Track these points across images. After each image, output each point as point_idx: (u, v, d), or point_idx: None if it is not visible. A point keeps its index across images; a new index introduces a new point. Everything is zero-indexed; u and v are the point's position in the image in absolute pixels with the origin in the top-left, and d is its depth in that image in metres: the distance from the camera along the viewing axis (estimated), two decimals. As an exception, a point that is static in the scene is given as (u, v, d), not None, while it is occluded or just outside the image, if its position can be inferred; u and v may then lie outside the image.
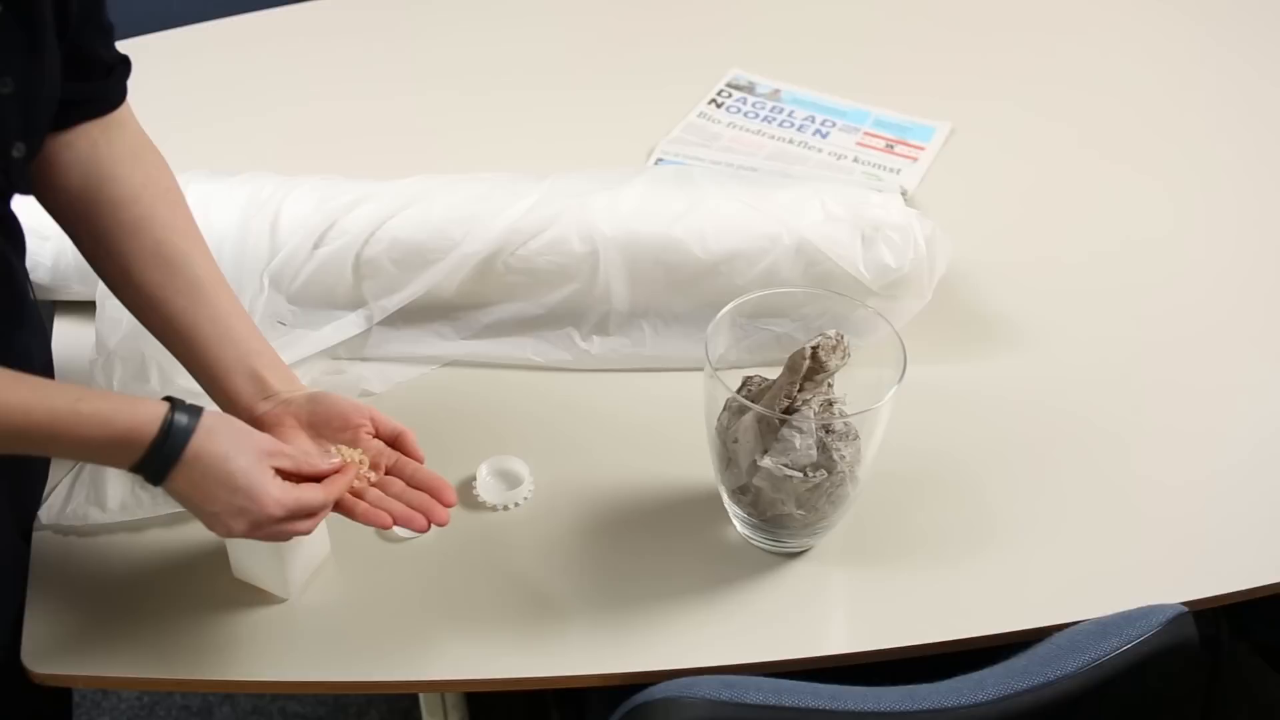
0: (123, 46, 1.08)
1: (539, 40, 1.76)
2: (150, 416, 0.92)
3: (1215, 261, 1.43)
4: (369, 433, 1.04)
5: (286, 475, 0.98)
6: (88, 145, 1.05)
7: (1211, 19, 1.82)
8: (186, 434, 0.93)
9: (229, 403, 1.04)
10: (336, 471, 1.00)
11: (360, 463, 1.02)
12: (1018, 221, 1.48)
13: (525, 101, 1.64)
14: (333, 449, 1.03)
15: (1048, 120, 1.63)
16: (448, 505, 1.02)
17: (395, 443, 1.05)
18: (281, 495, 0.95)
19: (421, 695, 1.47)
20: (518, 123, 1.61)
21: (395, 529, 1.11)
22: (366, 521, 0.99)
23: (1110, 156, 1.58)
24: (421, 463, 1.05)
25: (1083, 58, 1.75)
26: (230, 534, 0.96)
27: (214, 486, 0.94)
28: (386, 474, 1.04)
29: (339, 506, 1.00)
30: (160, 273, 1.05)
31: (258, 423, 1.03)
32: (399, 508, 1.00)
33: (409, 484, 1.03)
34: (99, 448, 0.92)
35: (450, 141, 1.57)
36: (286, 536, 0.99)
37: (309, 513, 0.97)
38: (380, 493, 1.02)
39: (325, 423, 1.03)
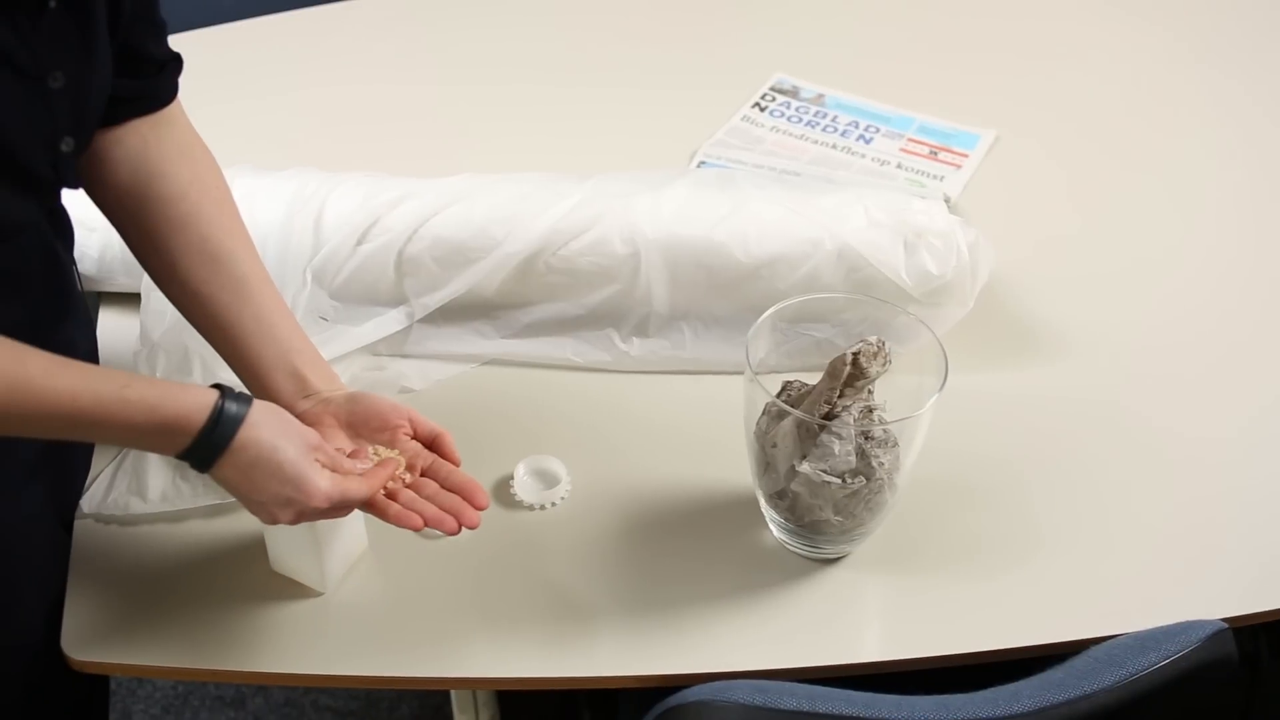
0: (172, 41, 1.09)
1: (584, 40, 1.76)
2: (198, 404, 0.93)
3: (1263, 273, 1.41)
4: (407, 434, 1.04)
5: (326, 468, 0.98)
6: (137, 142, 1.06)
7: (1266, 30, 1.80)
8: (236, 422, 0.94)
9: (270, 400, 1.05)
10: (376, 467, 1.01)
11: (397, 464, 1.03)
12: (1061, 230, 1.47)
13: (569, 100, 1.64)
14: (370, 449, 1.03)
15: (1093, 129, 1.62)
16: (479, 508, 1.02)
17: (433, 444, 1.05)
18: (329, 488, 0.96)
19: (453, 692, 1.47)
20: (561, 122, 1.61)
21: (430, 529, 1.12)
22: (397, 523, 0.99)
23: (1155, 166, 1.57)
24: (458, 465, 1.05)
25: (1131, 68, 1.73)
26: (275, 523, 0.97)
27: (262, 476, 0.94)
28: (421, 475, 1.04)
29: (372, 507, 1.00)
30: (205, 269, 1.05)
31: (299, 420, 1.03)
32: (430, 509, 1.01)
33: (443, 486, 1.03)
34: (145, 434, 0.92)
35: (494, 139, 1.57)
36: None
37: (352, 506, 0.98)
38: (413, 494, 1.02)
39: (364, 422, 1.04)
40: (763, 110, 1.64)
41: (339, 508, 0.97)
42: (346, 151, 1.53)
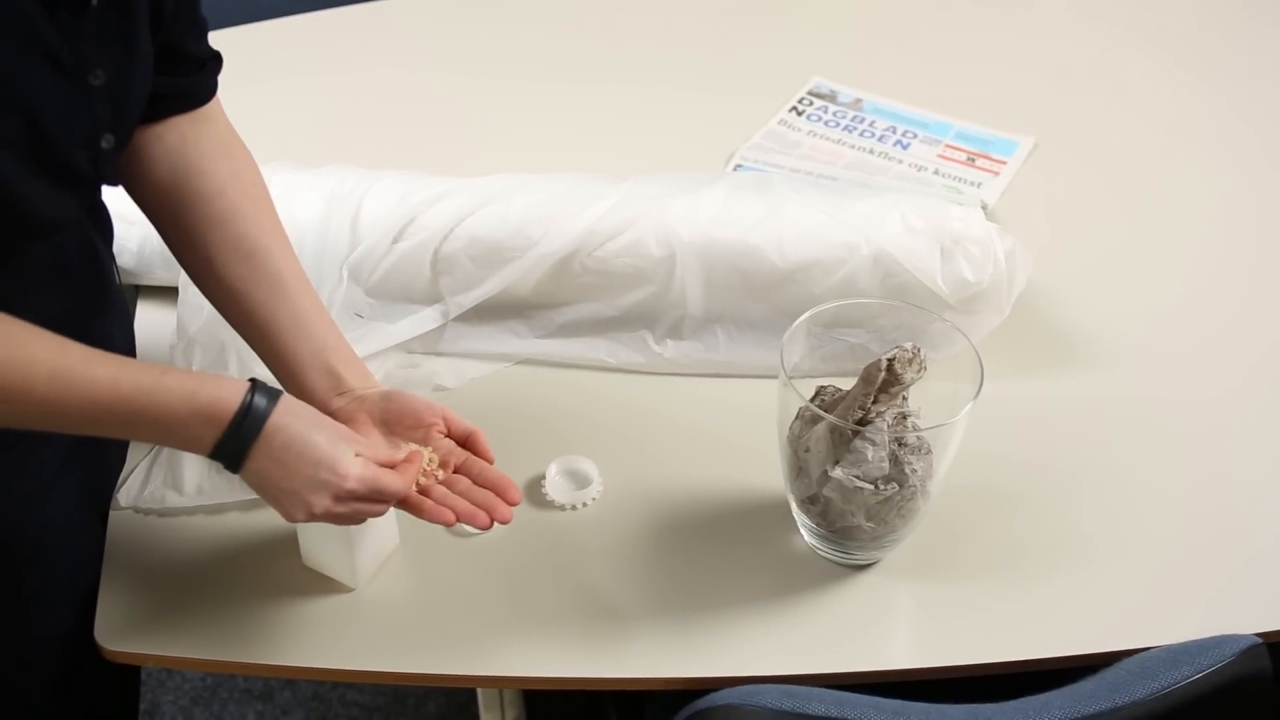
0: (212, 38, 1.10)
1: (624, 42, 1.76)
2: (233, 391, 0.94)
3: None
4: (441, 431, 1.05)
5: None
6: (176, 138, 1.07)
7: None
8: (267, 409, 0.94)
9: (304, 397, 1.05)
10: (407, 460, 1.01)
11: (429, 460, 1.03)
12: (1099, 239, 1.46)
13: (608, 101, 1.65)
14: (404, 446, 1.04)
15: (1132, 137, 1.61)
16: (512, 504, 1.02)
17: (466, 442, 1.06)
18: (363, 471, 0.96)
19: (479, 690, 1.47)
20: (599, 122, 1.61)
21: (462, 524, 1.12)
22: (430, 518, 1.00)
23: (1194, 174, 1.56)
24: (491, 463, 1.05)
25: (1172, 77, 1.72)
26: (309, 512, 0.96)
27: (295, 460, 0.95)
28: (455, 472, 1.04)
29: (405, 503, 1.00)
30: (242, 266, 1.06)
31: (333, 418, 1.03)
32: (463, 505, 1.01)
33: (475, 482, 1.04)
34: (182, 421, 0.93)
35: (532, 138, 1.58)
36: (358, 519, 0.99)
37: (385, 497, 0.98)
38: (446, 490, 1.02)
39: (398, 420, 1.04)
40: (800, 114, 1.63)
41: (372, 497, 0.97)
42: (385, 149, 1.53)
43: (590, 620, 1.07)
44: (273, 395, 0.95)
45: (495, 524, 1.12)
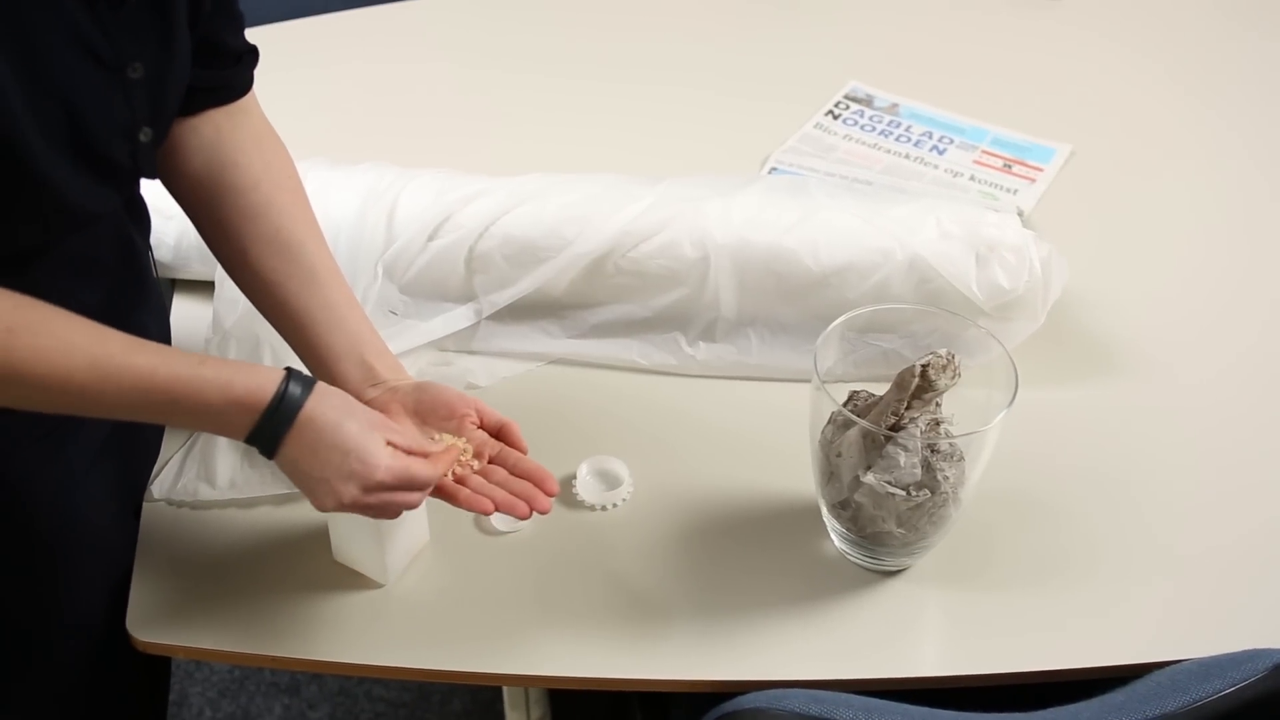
0: (248, 34, 1.10)
1: (662, 43, 1.77)
2: (268, 380, 0.94)
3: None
4: (473, 422, 1.05)
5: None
6: (212, 131, 1.08)
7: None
8: (301, 398, 0.95)
9: (338, 388, 1.06)
10: (443, 452, 1.01)
11: (464, 450, 1.03)
12: (1136, 248, 1.45)
13: (644, 101, 1.65)
14: (437, 436, 1.04)
15: (1170, 146, 1.60)
16: (550, 495, 1.02)
17: (500, 434, 1.06)
18: (392, 462, 0.96)
19: (505, 688, 1.47)
20: (635, 123, 1.61)
21: (494, 521, 1.13)
22: (468, 507, 1.00)
23: (1232, 185, 1.55)
24: (525, 454, 1.05)
25: (1210, 86, 1.71)
26: (339, 502, 0.96)
27: (326, 450, 0.95)
28: (490, 463, 1.05)
29: (441, 491, 1.01)
30: (277, 259, 1.07)
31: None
32: (501, 494, 1.01)
33: (512, 472, 1.04)
34: (218, 411, 0.93)
35: (567, 138, 1.58)
36: (392, 512, 0.99)
37: (416, 485, 0.98)
38: (483, 480, 1.02)
39: (431, 411, 1.05)
40: (836, 118, 1.63)
41: (403, 486, 0.97)
42: (421, 147, 1.54)
43: (618, 621, 1.07)
44: (307, 384, 0.96)
45: (526, 520, 1.13)
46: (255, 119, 1.12)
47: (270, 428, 0.94)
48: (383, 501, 0.97)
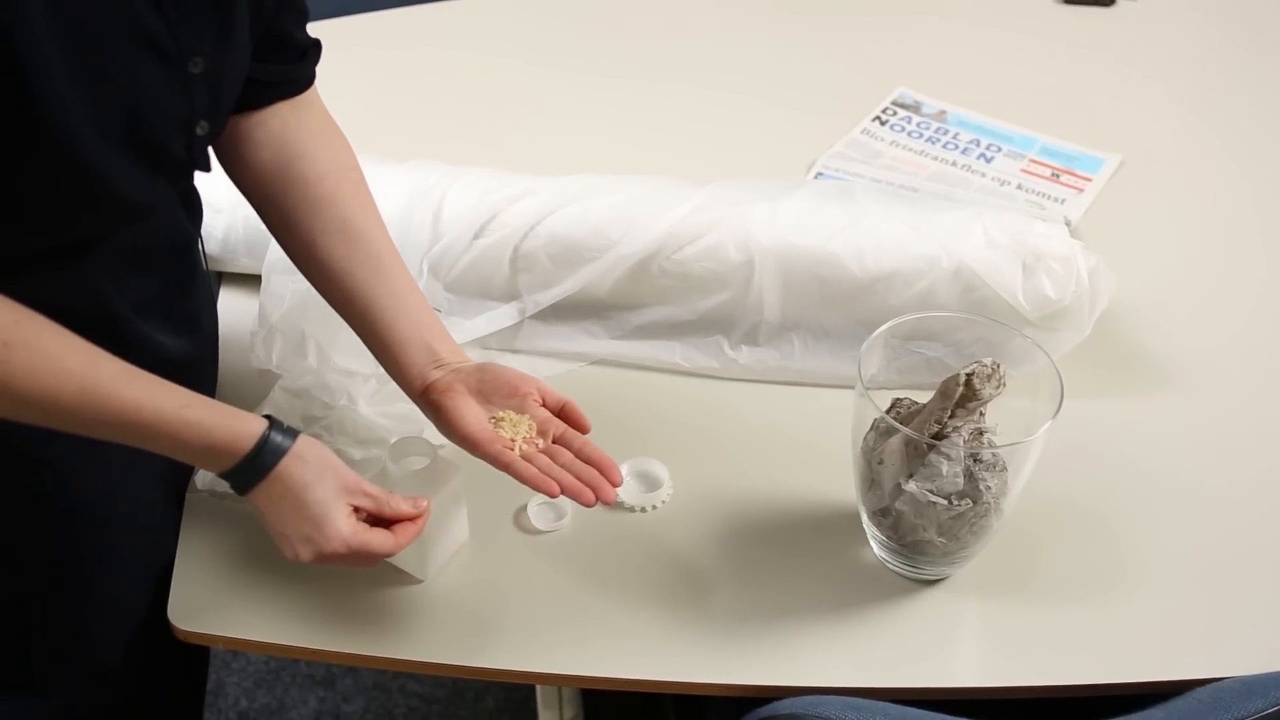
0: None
1: (710, 45, 1.77)
2: (248, 432, 0.95)
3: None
4: (536, 401, 1.06)
5: (368, 514, 1.00)
6: (279, 124, 1.09)
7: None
8: (278, 454, 0.96)
9: (402, 372, 1.07)
10: (412, 519, 1.01)
11: (529, 428, 1.04)
12: (1184, 260, 1.44)
13: (691, 104, 1.65)
14: (499, 413, 1.04)
15: (1221, 158, 1.59)
16: (615, 484, 1.03)
17: (561, 413, 1.07)
18: (349, 535, 0.97)
19: (539, 687, 1.48)
20: (682, 125, 1.62)
21: (533, 520, 1.13)
22: (535, 486, 1.00)
23: (1286, 200, 1.53)
24: (587, 431, 1.06)
25: (1262, 97, 1.69)
26: (297, 557, 0.98)
27: (289, 510, 0.97)
28: (554, 443, 1.05)
29: (509, 467, 1.01)
30: (343, 248, 1.08)
31: (430, 390, 1.05)
32: (568, 479, 1.02)
33: (577, 456, 1.04)
34: (195, 454, 0.95)
35: (614, 139, 1.59)
36: (352, 565, 1.01)
37: (370, 560, 1.00)
38: (549, 460, 1.03)
39: (494, 390, 1.05)
40: (883, 124, 1.62)
41: (359, 555, 0.98)
42: (467, 146, 1.55)
43: (654, 622, 1.07)
44: (287, 436, 0.97)
45: (562, 523, 1.13)
46: (319, 112, 1.13)
47: (244, 474, 0.96)
48: (340, 563, 0.99)
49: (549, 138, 1.58)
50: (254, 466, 0.95)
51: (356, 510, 0.99)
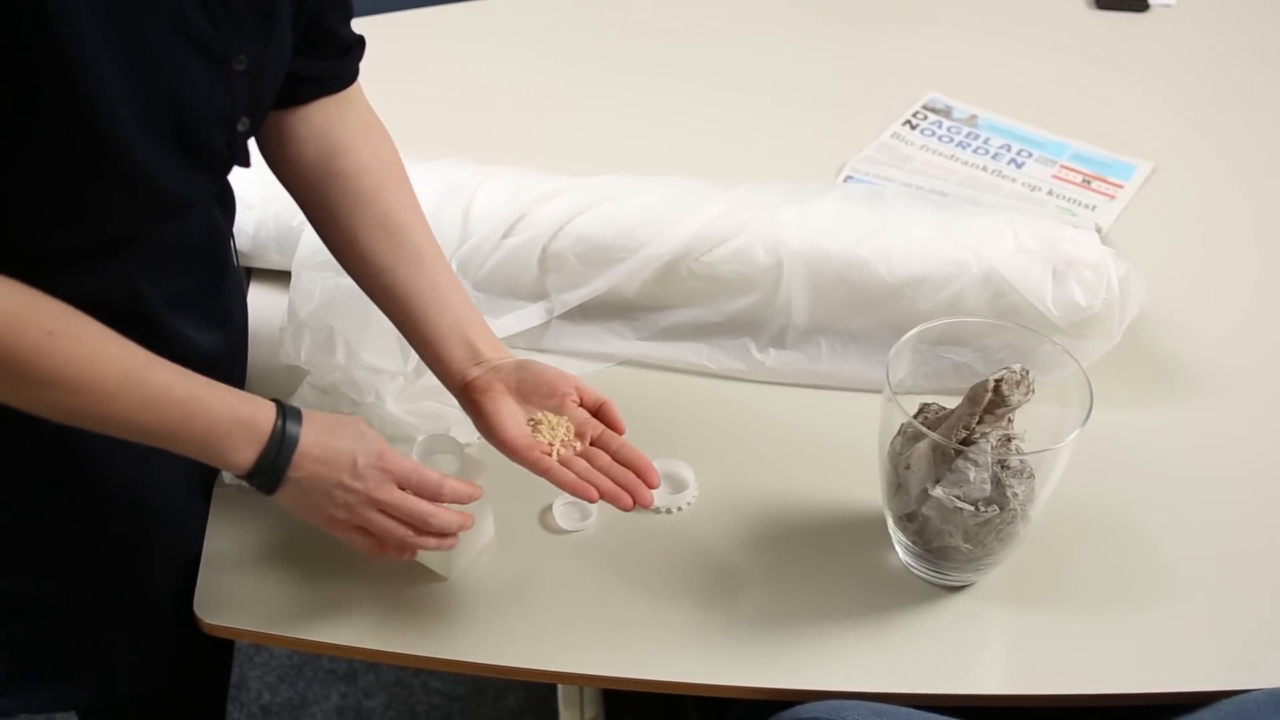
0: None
1: (739, 47, 1.76)
2: (269, 407, 0.96)
3: None
4: (574, 401, 1.06)
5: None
6: (323, 120, 1.09)
7: None
8: (298, 413, 0.97)
9: (443, 368, 1.08)
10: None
11: (566, 430, 1.04)
12: (1216, 268, 1.43)
13: (720, 106, 1.65)
14: (538, 414, 1.05)
15: (1254, 166, 1.58)
16: (652, 487, 1.03)
17: (598, 412, 1.07)
18: (416, 463, 0.98)
19: (560, 686, 1.48)
20: (711, 127, 1.61)
21: (558, 520, 1.13)
22: (573, 491, 1.00)
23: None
24: (622, 433, 1.06)
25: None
26: (361, 496, 0.96)
27: (348, 441, 0.96)
28: (591, 445, 1.05)
29: (547, 473, 1.01)
30: (385, 243, 1.08)
31: (469, 388, 1.06)
32: (606, 483, 1.01)
33: (614, 458, 1.04)
34: (226, 432, 0.94)
35: (644, 140, 1.59)
36: (393, 540, 0.99)
37: (432, 492, 0.99)
38: (587, 465, 1.03)
39: (533, 389, 1.05)
40: (913, 128, 1.62)
41: (420, 490, 0.98)
42: (499, 144, 1.55)
43: (677, 624, 1.07)
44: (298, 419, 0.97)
45: (587, 523, 1.13)
46: (362, 108, 1.13)
47: (283, 440, 0.95)
48: (395, 507, 0.98)
49: (580, 137, 1.58)
50: (289, 430, 0.95)
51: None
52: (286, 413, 0.96)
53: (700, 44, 1.77)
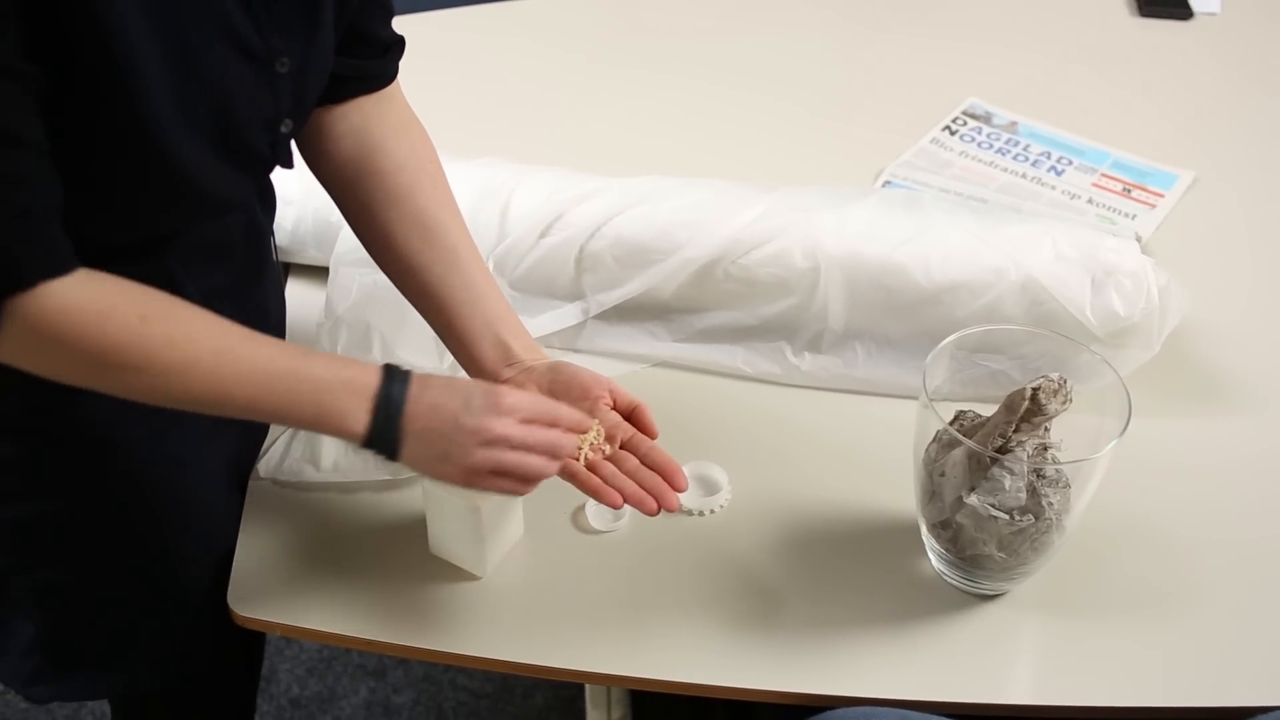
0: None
1: (780, 51, 1.76)
2: (372, 367, 0.96)
3: None
4: (607, 404, 1.06)
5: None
6: (360, 118, 1.10)
7: None
8: (406, 375, 0.96)
9: (475, 367, 1.08)
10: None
11: (596, 434, 1.04)
12: (1257, 279, 1.42)
13: (760, 109, 1.64)
14: None
15: (1299, 178, 1.56)
16: (679, 490, 1.02)
17: (631, 416, 1.06)
18: (536, 397, 0.98)
19: (588, 686, 1.48)
20: (750, 130, 1.61)
21: (590, 520, 1.13)
22: (598, 496, 1.00)
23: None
24: (654, 438, 1.05)
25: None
26: (470, 467, 0.95)
27: (459, 395, 0.95)
28: (621, 448, 1.05)
29: (573, 477, 1.01)
30: (419, 241, 1.08)
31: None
32: (631, 488, 1.01)
33: (643, 461, 1.04)
34: (333, 393, 0.94)
35: (682, 142, 1.58)
36: (521, 476, 0.98)
37: (553, 420, 0.98)
38: (615, 469, 1.03)
39: (565, 391, 1.05)
40: (953, 134, 1.61)
41: (542, 418, 0.97)
42: (537, 144, 1.55)
43: (707, 626, 1.07)
44: (405, 373, 0.97)
45: (620, 523, 1.13)
46: (400, 106, 1.14)
47: (390, 398, 0.94)
48: (509, 461, 0.96)
49: (618, 138, 1.58)
50: (395, 382, 0.95)
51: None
52: (393, 372, 0.96)
53: (741, 48, 1.76)
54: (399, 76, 1.13)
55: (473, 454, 0.95)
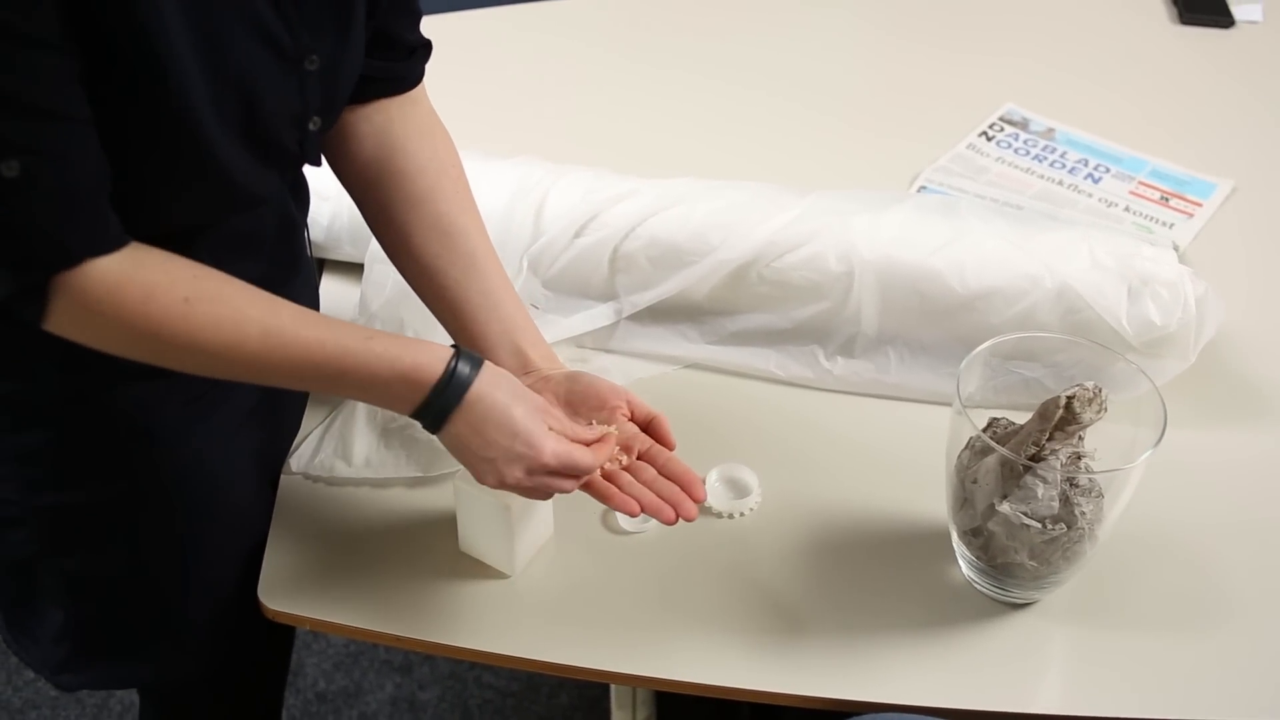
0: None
1: (817, 54, 1.76)
2: (436, 358, 0.96)
3: None
4: (624, 414, 1.05)
5: None
6: (383, 119, 1.10)
7: None
8: (470, 377, 0.96)
9: None
10: (600, 440, 1.02)
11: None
12: (1294, 291, 1.41)
13: (796, 112, 1.64)
14: (594, 424, 1.04)
15: (1340, 190, 1.55)
16: (697, 500, 1.02)
17: (649, 427, 1.06)
18: (557, 447, 0.97)
19: (613, 686, 1.48)
20: (786, 133, 1.61)
21: (620, 520, 1.13)
22: (616, 506, 1.00)
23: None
24: (673, 449, 1.05)
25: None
26: (501, 481, 0.97)
27: (493, 431, 0.96)
28: (639, 459, 1.05)
29: (590, 487, 1.01)
30: (438, 244, 1.08)
31: None
32: (649, 497, 1.01)
33: (660, 472, 1.04)
34: (385, 384, 0.95)
35: (717, 143, 1.58)
36: (545, 493, 1.00)
37: (578, 472, 0.99)
38: (632, 478, 1.03)
39: (582, 401, 1.05)
40: (990, 140, 1.61)
41: (565, 472, 0.98)
42: (572, 144, 1.55)
43: (735, 629, 1.07)
44: (475, 363, 0.97)
45: (649, 524, 1.13)
46: (424, 110, 1.14)
47: (438, 404, 0.95)
48: (541, 484, 0.98)
49: (652, 139, 1.58)
50: (448, 393, 0.95)
51: None
52: (455, 372, 0.96)
53: (779, 53, 1.76)
54: (426, 81, 1.13)
55: (492, 479, 0.98)
